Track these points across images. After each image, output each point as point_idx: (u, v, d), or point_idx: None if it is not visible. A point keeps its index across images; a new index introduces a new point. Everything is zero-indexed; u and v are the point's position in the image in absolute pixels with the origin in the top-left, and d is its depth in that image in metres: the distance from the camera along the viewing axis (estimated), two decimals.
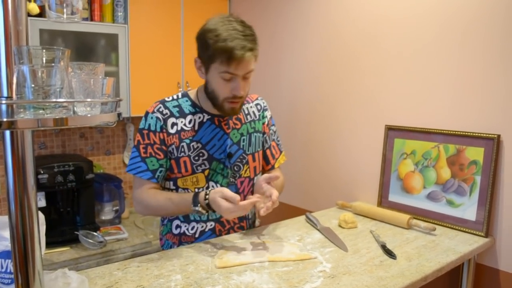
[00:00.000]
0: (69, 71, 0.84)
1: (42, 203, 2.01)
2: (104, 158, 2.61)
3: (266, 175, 1.43)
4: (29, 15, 1.86)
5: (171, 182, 1.48)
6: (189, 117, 1.44)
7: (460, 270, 1.60)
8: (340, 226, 1.62)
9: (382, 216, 1.69)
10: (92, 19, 2.25)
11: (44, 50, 0.81)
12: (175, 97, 1.48)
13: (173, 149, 1.43)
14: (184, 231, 1.49)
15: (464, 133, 1.60)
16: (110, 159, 2.63)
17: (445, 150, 1.65)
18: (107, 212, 2.36)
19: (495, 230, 1.56)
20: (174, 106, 1.45)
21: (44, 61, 0.80)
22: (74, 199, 2.18)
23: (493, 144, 1.52)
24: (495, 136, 1.51)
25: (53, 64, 0.79)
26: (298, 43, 2.31)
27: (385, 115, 1.89)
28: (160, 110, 1.43)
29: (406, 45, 1.80)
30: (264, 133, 1.58)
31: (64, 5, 0.83)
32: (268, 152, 1.60)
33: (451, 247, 1.44)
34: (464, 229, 1.58)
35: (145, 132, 1.43)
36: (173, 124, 1.43)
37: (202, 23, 1.41)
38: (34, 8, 1.87)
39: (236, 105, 1.40)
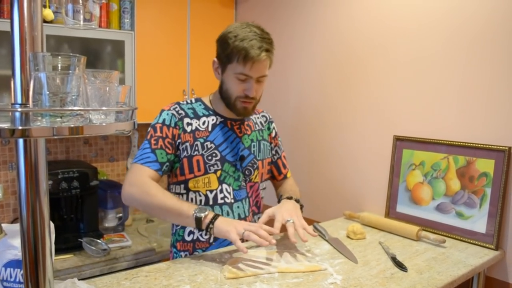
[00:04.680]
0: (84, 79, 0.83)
1: None
2: (108, 165, 2.59)
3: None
4: (44, 21, 1.85)
5: (182, 186, 1.47)
6: (202, 119, 1.48)
7: (470, 283, 1.58)
8: (348, 237, 1.60)
9: (391, 227, 1.68)
10: (98, 26, 2.25)
11: (60, 57, 0.80)
12: (188, 101, 1.53)
13: (186, 147, 1.44)
14: (197, 237, 1.48)
15: (474, 144, 1.59)
16: (113, 166, 2.62)
17: (454, 161, 1.64)
18: (110, 219, 2.34)
19: (506, 243, 1.55)
20: (188, 108, 1.49)
21: (60, 68, 0.79)
22: (78, 206, 2.16)
23: (504, 156, 1.51)
24: (506, 148, 1.50)
25: (69, 71, 0.79)
26: (305, 52, 2.31)
27: (394, 125, 1.88)
28: (176, 109, 1.47)
29: (414, 54, 1.79)
30: (271, 143, 1.65)
31: (81, 11, 0.82)
32: (279, 162, 1.68)
33: (462, 260, 1.42)
34: (474, 242, 1.57)
35: (158, 126, 1.43)
36: (188, 124, 1.46)
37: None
38: (49, 14, 1.87)
39: (248, 105, 1.45)
